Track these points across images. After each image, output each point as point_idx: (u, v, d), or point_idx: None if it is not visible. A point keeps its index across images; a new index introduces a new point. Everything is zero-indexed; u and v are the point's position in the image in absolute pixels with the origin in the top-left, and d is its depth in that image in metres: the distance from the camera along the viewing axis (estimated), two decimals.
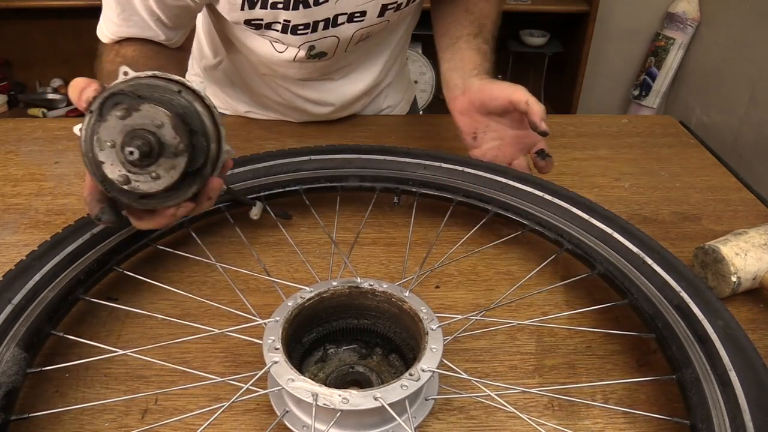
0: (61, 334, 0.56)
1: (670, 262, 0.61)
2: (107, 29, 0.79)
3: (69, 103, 2.57)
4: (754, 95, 1.99)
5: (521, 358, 0.59)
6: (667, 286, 0.58)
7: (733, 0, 2.12)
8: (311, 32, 0.79)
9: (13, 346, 0.50)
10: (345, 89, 0.99)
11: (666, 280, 0.59)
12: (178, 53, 0.83)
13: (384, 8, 0.81)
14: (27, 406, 0.53)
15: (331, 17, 0.79)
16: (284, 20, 0.77)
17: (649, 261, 0.61)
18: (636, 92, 2.53)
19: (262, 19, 0.77)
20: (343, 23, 0.80)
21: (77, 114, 2.69)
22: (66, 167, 0.90)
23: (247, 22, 0.78)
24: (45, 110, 2.52)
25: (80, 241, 0.62)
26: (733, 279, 0.64)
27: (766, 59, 1.93)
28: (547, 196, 0.70)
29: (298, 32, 0.79)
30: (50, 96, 2.57)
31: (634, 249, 0.63)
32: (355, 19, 0.80)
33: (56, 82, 2.59)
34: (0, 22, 2.43)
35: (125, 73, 0.48)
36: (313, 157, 0.77)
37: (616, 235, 0.65)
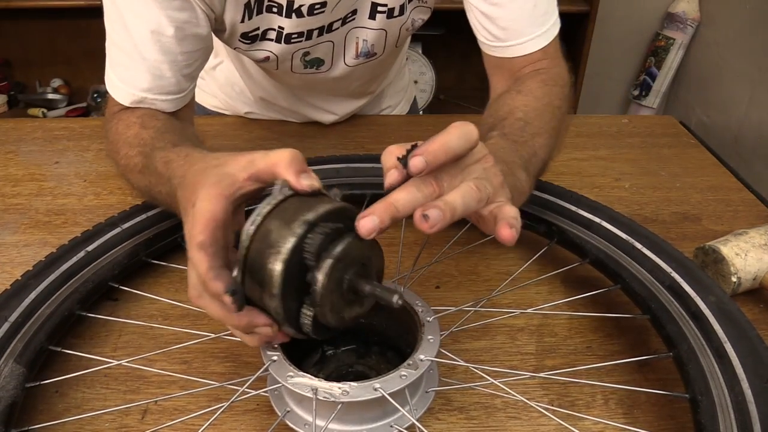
0: (59, 349, 0.56)
1: (659, 245, 0.63)
2: (119, 77, 0.70)
3: (69, 103, 2.57)
4: (754, 95, 1.98)
5: (521, 358, 0.59)
6: (657, 268, 0.60)
7: (733, 0, 2.12)
8: (305, 40, 0.79)
9: (11, 362, 0.51)
10: (349, 104, 1.00)
11: (656, 263, 0.61)
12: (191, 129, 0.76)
13: (374, 8, 0.79)
14: (28, 406, 0.53)
15: (326, 25, 0.78)
16: (279, 26, 0.76)
17: (639, 246, 0.63)
18: (636, 92, 2.53)
19: (258, 28, 0.76)
20: (338, 28, 0.80)
21: (77, 114, 2.68)
22: (66, 167, 0.90)
23: (244, 36, 0.76)
24: (45, 110, 2.51)
25: (75, 259, 0.63)
26: (734, 279, 0.64)
27: (766, 59, 1.93)
28: (535, 192, 0.71)
29: (292, 41, 0.78)
30: (50, 96, 2.56)
31: (623, 235, 0.65)
32: (348, 20, 0.80)
33: (56, 82, 2.59)
34: (0, 22, 2.43)
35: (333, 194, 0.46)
36: (334, 165, 0.79)
37: (604, 223, 0.67)
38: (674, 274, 0.59)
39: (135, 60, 0.68)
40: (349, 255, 0.42)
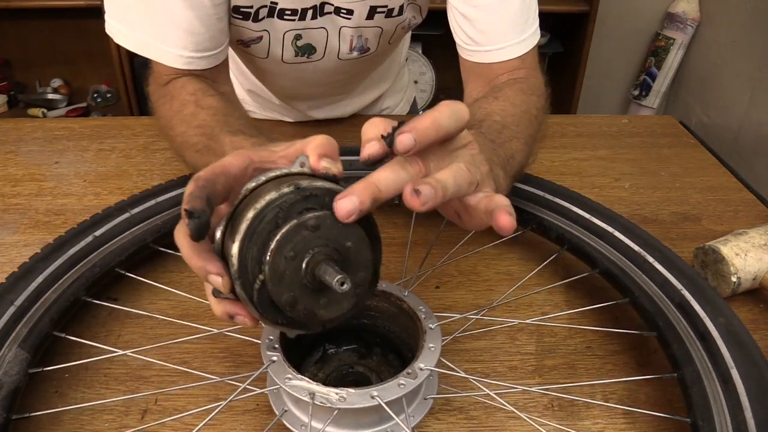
0: (63, 335, 0.56)
1: (671, 261, 0.61)
2: (159, 40, 0.69)
3: (69, 103, 2.57)
4: (754, 95, 1.98)
5: (521, 358, 0.59)
6: (668, 284, 0.59)
7: (733, 0, 2.12)
8: (299, 20, 0.78)
9: (15, 347, 0.51)
10: (345, 109, 1.01)
11: (667, 278, 0.59)
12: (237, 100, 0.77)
13: (373, 11, 0.79)
14: (27, 406, 0.53)
15: (318, 5, 0.77)
16: (271, 2, 0.76)
17: (651, 259, 0.61)
18: (636, 92, 2.53)
19: (251, 6, 0.75)
20: (330, 12, 0.79)
21: (77, 114, 2.68)
22: (66, 167, 0.90)
23: (236, 10, 0.76)
24: (45, 110, 2.51)
25: (83, 243, 0.63)
26: (734, 279, 0.63)
27: (766, 59, 1.93)
28: (548, 196, 0.71)
29: (285, 17, 0.77)
30: (50, 96, 2.56)
31: (636, 247, 0.63)
32: (341, 14, 0.79)
33: (56, 82, 2.59)
34: (0, 22, 2.43)
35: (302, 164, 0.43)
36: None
37: (617, 234, 0.65)
38: (684, 292, 0.57)
39: (165, 18, 0.67)
40: (320, 229, 0.39)
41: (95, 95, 2.59)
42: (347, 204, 0.38)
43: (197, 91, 0.68)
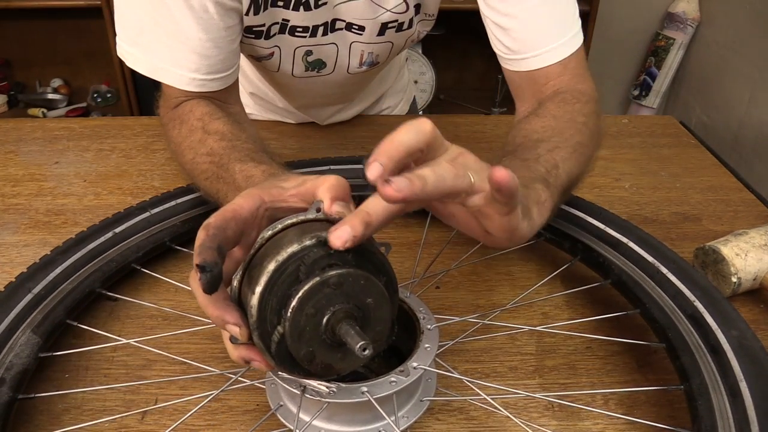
0: (75, 323, 0.58)
1: (686, 272, 0.60)
2: (170, 63, 0.68)
3: (69, 103, 2.57)
4: (754, 95, 1.99)
5: (521, 358, 0.59)
6: (681, 295, 0.58)
7: (733, 0, 2.12)
8: (310, 36, 0.78)
9: (29, 332, 0.53)
10: (347, 112, 1.01)
11: (680, 289, 0.58)
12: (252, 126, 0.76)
13: (384, 27, 0.79)
14: (27, 404, 0.53)
15: (329, 21, 0.77)
16: (283, 20, 0.76)
17: (664, 270, 0.61)
18: (636, 92, 2.53)
19: (263, 24, 0.76)
20: (341, 29, 0.79)
21: (77, 114, 2.67)
22: (66, 167, 0.90)
23: (248, 30, 0.76)
24: (45, 110, 2.51)
25: (102, 239, 0.65)
26: (734, 279, 0.63)
27: (766, 59, 1.93)
28: (563, 206, 0.70)
29: (296, 34, 0.78)
30: (50, 96, 2.56)
31: (649, 258, 0.62)
32: (353, 30, 0.79)
33: (56, 82, 2.59)
34: (0, 22, 2.43)
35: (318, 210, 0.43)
36: (332, 167, 0.79)
37: (631, 244, 0.64)
38: (697, 303, 0.56)
39: (178, 42, 0.67)
40: (342, 286, 0.39)
41: (95, 95, 2.59)
42: (342, 234, 0.39)
43: (204, 115, 0.68)
